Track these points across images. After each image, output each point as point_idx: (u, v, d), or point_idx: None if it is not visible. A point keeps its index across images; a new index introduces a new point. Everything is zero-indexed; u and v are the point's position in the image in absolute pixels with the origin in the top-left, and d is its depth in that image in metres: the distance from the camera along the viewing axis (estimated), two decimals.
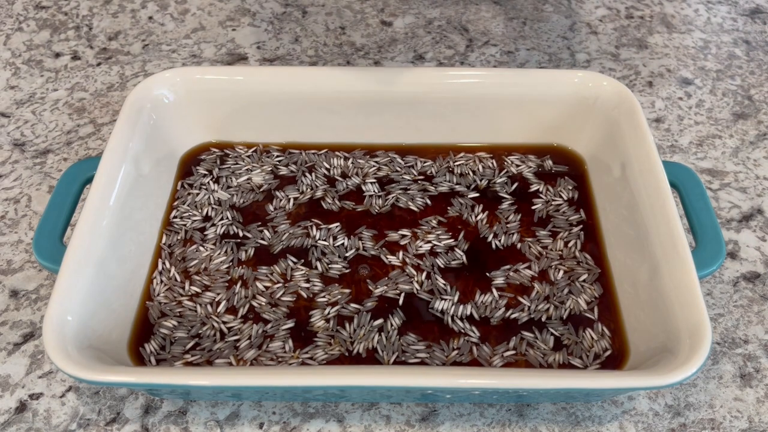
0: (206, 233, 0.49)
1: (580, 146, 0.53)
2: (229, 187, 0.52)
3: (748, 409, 0.44)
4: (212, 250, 0.48)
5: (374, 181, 0.52)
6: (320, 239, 0.49)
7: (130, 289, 0.45)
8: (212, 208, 0.50)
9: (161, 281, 0.46)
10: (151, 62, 0.65)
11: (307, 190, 0.52)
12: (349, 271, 0.47)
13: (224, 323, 0.44)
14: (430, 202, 0.51)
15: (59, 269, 0.40)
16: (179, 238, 0.49)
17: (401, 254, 0.48)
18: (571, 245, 0.48)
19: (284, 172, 0.53)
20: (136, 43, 0.68)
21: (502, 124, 0.53)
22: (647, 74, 0.65)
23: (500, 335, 0.44)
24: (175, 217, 0.50)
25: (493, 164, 0.53)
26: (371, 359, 0.43)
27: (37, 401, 0.44)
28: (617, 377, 0.38)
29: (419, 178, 0.52)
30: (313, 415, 0.43)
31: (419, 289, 0.46)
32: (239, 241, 0.49)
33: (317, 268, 0.47)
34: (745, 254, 0.52)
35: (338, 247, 0.48)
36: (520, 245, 0.48)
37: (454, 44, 0.67)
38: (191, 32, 0.69)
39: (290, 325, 0.44)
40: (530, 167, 0.53)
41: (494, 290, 0.46)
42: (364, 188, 0.52)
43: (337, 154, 0.54)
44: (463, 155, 0.54)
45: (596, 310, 0.45)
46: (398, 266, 0.47)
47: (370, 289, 0.46)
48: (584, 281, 0.46)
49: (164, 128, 0.51)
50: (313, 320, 0.44)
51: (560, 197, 0.51)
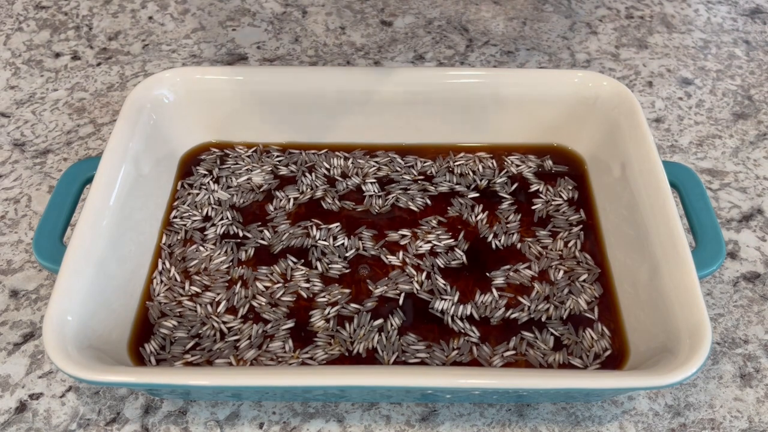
0: (206, 233, 0.49)
1: (580, 146, 0.53)
2: (229, 187, 0.52)
3: (748, 409, 0.44)
4: (212, 250, 0.48)
5: (374, 181, 0.52)
6: (320, 239, 0.49)
7: (130, 289, 0.45)
8: (212, 208, 0.50)
9: (161, 281, 0.46)
10: (151, 62, 0.65)
11: (307, 190, 0.52)
12: (349, 271, 0.47)
13: (224, 323, 0.44)
14: (430, 202, 0.51)
15: (59, 269, 0.40)
16: (179, 238, 0.49)
17: (401, 254, 0.48)
18: (571, 245, 0.48)
19: (284, 172, 0.53)
20: (136, 43, 0.68)
21: (502, 124, 0.53)
22: (647, 74, 0.65)
23: (500, 335, 0.44)
24: (175, 217, 0.50)
25: (493, 164, 0.53)
26: (371, 359, 0.43)
27: (37, 401, 0.44)
28: (617, 377, 0.38)
29: (419, 178, 0.52)
30: (313, 415, 0.43)
31: (419, 289, 0.46)
32: (239, 241, 0.49)
33: (317, 268, 0.47)
34: (745, 254, 0.52)
35: (338, 247, 0.48)
36: (520, 245, 0.48)
37: (454, 44, 0.67)
38: (191, 32, 0.69)
39: (290, 325, 0.44)
40: (530, 167, 0.53)
41: (494, 290, 0.46)
42: (364, 188, 0.52)
43: (337, 154, 0.54)
44: (463, 155, 0.54)
45: (596, 310, 0.45)
46: (398, 266, 0.47)
47: (370, 289, 0.46)
48: (584, 281, 0.46)
49: (164, 128, 0.51)
50: (313, 320, 0.44)
51: (560, 197, 0.51)
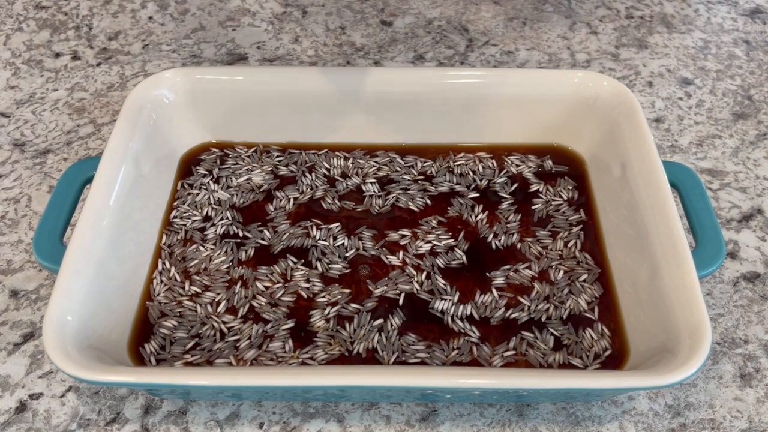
0: (206, 233, 0.49)
1: (580, 146, 0.53)
2: (229, 187, 0.52)
3: (748, 409, 0.44)
4: (212, 250, 0.48)
5: (374, 181, 0.52)
6: (320, 239, 0.49)
7: (130, 289, 0.45)
8: (212, 208, 0.50)
9: (161, 281, 0.46)
10: (151, 62, 0.65)
11: (307, 190, 0.52)
12: (349, 271, 0.47)
13: (224, 323, 0.44)
14: (430, 202, 0.51)
15: (59, 269, 0.40)
16: (179, 238, 0.49)
17: (401, 254, 0.48)
18: (571, 245, 0.48)
19: (284, 172, 0.53)
20: (136, 43, 0.67)
21: (502, 124, 0.53)
22: (647, 74, 0.65)
23: (500, 335, 0.44)
24: (175, 217, 0.50)
25: (493, 164, 0.53)
26: (371, 359, 0.43)
27: (37, 401, 0.44)
28: (617, 377, 0.38)
29: (419, 178, 0.52)
30: (313, 415, 0.43)
31: (419, 289, 0.46)
32: (239, 241, 0.49)
33: (317, 268, 0.47)
34: (745, 254, 0.52)
35: (338, 247, 0.48)
36: (520, 245, 0.48)
37: (454, 44, 0.67)
38: (191, 32, 0.69)
39: (290, 325, 0.44)
40: (530, 167, 0.53)
41: (494, 290, 0.46)
42: (364, 188, 0.52)
43: (337, 154, 0.54)
44: (463, 155, 0.54)
45: (596, 310, 0.45)
46: (398, 266, 0.47)
47: (370, 289, 0.46)
48: (584, 281, 0.46)
49: (164, 128, 0.51)
50: (313, 320, 0.44)
51: (560, 197, 0.51)
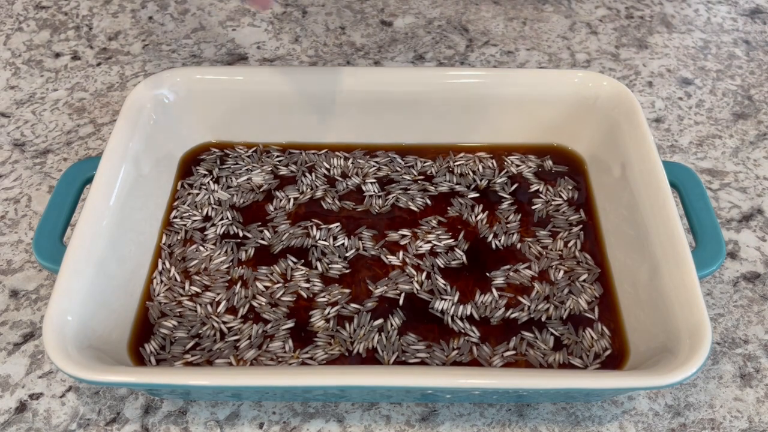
0: (206, 233, 0.49)
1: (580, 146, 0.53)
2: (229, 187, 0.52)
3: (748, 409, 0.44)
4: (212, 250, 0.48)
5: (374, 181, 0.52)
6: (320, 239, 0.49)
7: (130, 289, 0.45)
8: (212, 208, 0.50)
9: (161, 281, 0.46)
10: (151, 62, 0.65)
11: (307, 190, 0.52)
12: (349, 271, 0.47)
13: (224, 323, 0.44)
14: (430, 202, 0.51)
15: (59, 269, 0.40)
16: (179, 238, 0.49)
17: (401, 254, 0.48)
18: (571, 245, 0.48)
19: (284, 172, 0.53)
20: (136, 43, 0.67)
21: (502, 124, 0.53)
22: (647, 74, 0.65)
23: (500, 335, 0.44)
24: (175, 217, 0.50)
25: (493, 164, 0.53)
26: (371, 359, 0.43)
27: (37, 401, 0.44)
28: (617, 377, 0.38)
29: (419, 178, 0.52)
30: (313, 415, 0.43)
31: (419, 289, 0.46)
32: (239, 241, 0.49)
33: (317, 268, 0.47)
34: (745, 254, 0.51)
35: (338, 247, 0.48)
36: (520, 245, 0.48)
37: (454, 44, 0.67)
38: (191, 32, 0.68)
39: (290, 325, 0.44)
40: (530, 167, 0.53)
41: (494, 290, 0.46)
42: (364, 188, 0.52)
43: (337, 154, 0.54)
44: (463, 155, 0.54)
45: (596, 310, 0.45)
46: (398, 266, 0.47)
47: (370, 289, 0.46)
48: (584, 281, 0.46)
49: (164, 128, 0.51)
50: (313, 320, 0.44)
51: (560, 197, 0.51)
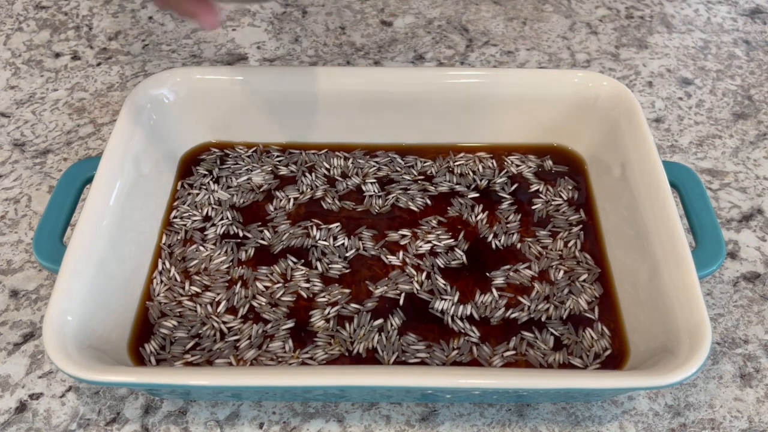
0: (206, 233, 0.49)
1: (580, 146, 0.53)
2: (229, 187, 0.52)
3: (748, 409, 0.44)
4: (212, 250, 0.48)
5: (374, 181, 0.52)
6: (320, 239, 0.49)
7: (130, 289, 0.45)
8: (212, 208, 0.50)
9: (161, 281, 0.46)
10: (151, 62, 0.65)
11: (307, 190, 0.52)
12: (349, 271, 0.47)
13: (224, 323, 0.44)
14: (430, 202, 0.51)
15: (59, 269, 0.40)
16: (179, 238, 0.49)
17: (401, 254, 0.48)
18: (571, 245, 0.48)
19: (284, 172, 0.53)
20: (136, 43, 0.67)
21: (502, 124, 0.53)
22: (647, 74, 0.65)
23: (500, 335, 0.44)
24: (175, 217, 0.50)
25: (493, 164, 0.53)
26: (371, 359, 0.43)
27: (37, 401, 0.44)
28: (617, 377, 0.38)
29: (419, 178, 0.52)
30: (313, 415, 0.43)
31: (419, 289, 0.46)
32: (239, 241, 0.49)
33: (317, 268, 0.47)
34: (745, 254, 0.51)
35: (338, 247, 0.48)
36: (520, 245, 0.48)
37: (454, 44, 0.67)
38: (191, 32, 0.68)
39: (290, 325, 0.44)
40: (530, 167, 0.53)
41: (494, 290, 0.46)
42: (364, 188, 0.52)
43: (337, 154, 0.54)
44: (463, 155, 0.54)
45: (596, 310, 0.45)
46: (398, 266, 0.47)
47: (370, 289, 0.46)
48: (584, 281, 0.46)
49: (164, 128, 0.51)
50: (313, 320, 0.44)
51: (560, 197, 0.51)
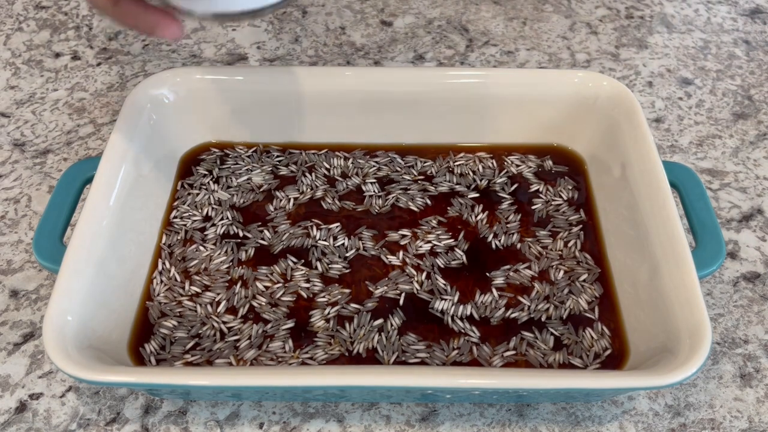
0: (206, 233, 0.49)
1: (580, 146, 0.53)
2: (229, 187, 0.52)
3: (748, 409, 0.44)
4: (212, 250, 0.48)
5: (374, 181, 0.52)
6: (320, 239, 0.49)
7: (130, 289, 0.45)
8: (212, 208, 0.50)
9: (161, 281, 0.46)
10: (151, 62, 0.65)
11: (307, 190, 0.52)
12: (349, 271, 0.47)
13: (224, 323, 0.44)
14: (430, 202, 0.51)
15: (59, 269, 0.40)
16: (179, 238, 0.49)
17: (401, 254, 0.48)
18: (571, 245, 0.48)
19: (284, 172, 0.53)
20: (136, 43, 0.67)
21: (502, 124, 0.53)
22: (647, 74, 0.65)
23: (500, 335, 0.44)
24: (175, 217, 0.50)
25: (493, 164, 0.53)
26: (371, 359, 0.43)
27: (37, 401, 0.44)
28: (617, 377, 0.38)
29: (419, 178, 0.52)
30: (313, 415, 0.43)
31: (419, 289, 0.46)
32: (239, 241, 0.49)
33: (317, 268, 0.47)
34: (745, 254, 0.51)
35: (338, 247, 0.48)
36: (520, 245, 0.48)
37: (454, 44, 0.67)
38: (191, 32, 0.68)
39: (290, 325, 0.44)
40: (530, 167, 0.53)
41: (494, 290, 0.46)
42: (364, 188, 0.52)
43: (337, 154, 0.54)
44: (463, 155, 0.54)
45: (596, 310, 0.45)
46: (398, 266, 0.47)
47: (370, 289, 0.46)
48: (584, 281, 0.46)
49: (164, 128, 0.51)
50: (313, 320, 0.44)
51: (560, 197, 0.51)
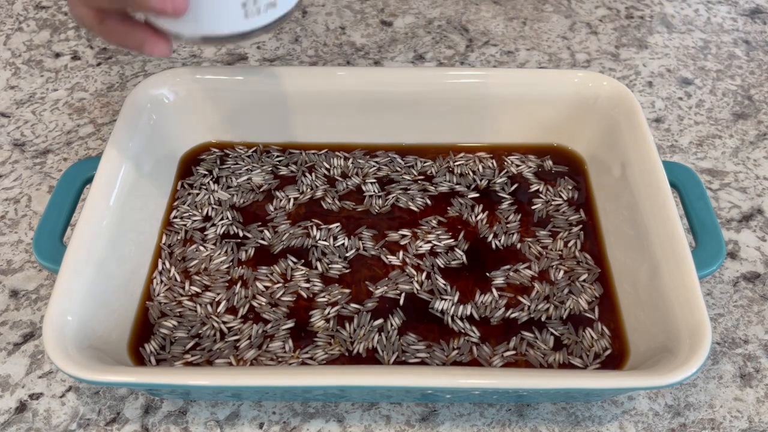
0: (206, 233, 0.49)
1: (580, 146, 0.53)
2: (229, 187, 0.52)
3: (748, 409, 0.44)
4: (212, 250, 0.48)
5: (374, 181, 0.52)
6: (320, 239, 0.49)
7: (130, 289, 0.45)
8: (212, 208, 0.50)
9: (161, 281, 0.46)
10: (151, 62, 0.65)
11: (307, 190, 0.52)
12: (349, 271, 0.47)
13: (224, 323, 0.44)
14: (430, 202, 0.51)
15: (59, 269, 0.40)
16: (179, 238, 0.49)
17: (401, 254, 0.48)
18: (571, 245, 0.48)
19: (284, 172, 0.53)
20: None
21: (502, 124, 0.53)
22: (647, 74, 0.65)
23: (500, 335, 0.44)
24: (175, 217, 0.50)
25: (493, 164, 0.53)
26: (371, 359, 0.43)
27: (37, 401, 0.44)
28: (617, 377, 0.38)
29: (419, 178, 0.52)
30: (313, 415, 0.43)
31: (419, 289, 0.46)
32: (239, 241, 0.49)
33: (317, 268, 0.47)
34: (745, 254, 0.51)
35: (338, 247, 0.48)
36: (520, 245, 0.48)
37: (454, 44, 0.67)
38: None
39: (290, 325, 0.44)
40: (530, 167, 0.53)
41: (494, 290, 0.46)
42: (364, 188, 0.52)
43: (337, 154, 0.54)
44: (463, 155, 0.54)
45: (596, 310, 0.45)
46: (398, 266, 0.47)
47: (370, 289, 0.46)
48: (584, 281, 0.46)
49: (164, 128, 0.51)
50: (313, 320, 0.44)
51: (560, 197, 0.51)
